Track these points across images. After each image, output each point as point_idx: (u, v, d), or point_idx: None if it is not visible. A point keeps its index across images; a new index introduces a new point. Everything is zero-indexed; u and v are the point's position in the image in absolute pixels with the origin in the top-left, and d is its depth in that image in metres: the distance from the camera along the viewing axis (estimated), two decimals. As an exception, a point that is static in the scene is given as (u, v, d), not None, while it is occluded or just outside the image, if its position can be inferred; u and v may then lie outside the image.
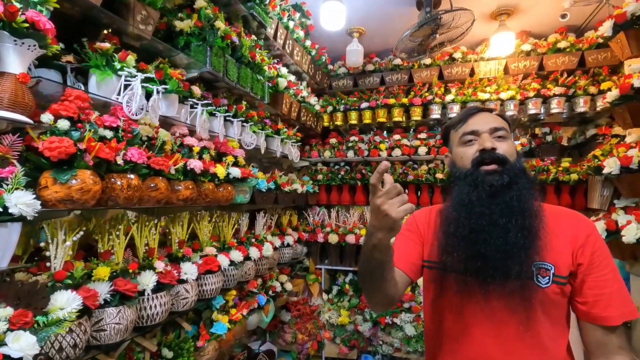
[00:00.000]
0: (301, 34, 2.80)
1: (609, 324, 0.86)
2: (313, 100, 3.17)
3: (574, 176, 2.68)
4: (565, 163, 2.79)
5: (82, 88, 1.27)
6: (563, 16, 2.75)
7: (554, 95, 2.81)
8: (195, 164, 1.56)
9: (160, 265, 1.45)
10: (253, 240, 2.25)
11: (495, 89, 2.98)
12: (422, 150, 3.11)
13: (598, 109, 2.72)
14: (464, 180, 0.97)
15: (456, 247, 0.94)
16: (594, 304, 0.87)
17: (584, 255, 0.89)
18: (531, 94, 2.86)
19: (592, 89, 2.73)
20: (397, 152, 3.18)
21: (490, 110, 1.06)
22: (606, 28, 2.10)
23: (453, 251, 0.95)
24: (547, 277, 0.89)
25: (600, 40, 2.73)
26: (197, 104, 1.71)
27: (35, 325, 0.95)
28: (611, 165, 1.96)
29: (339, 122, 3.47)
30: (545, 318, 0.90)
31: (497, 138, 0.97)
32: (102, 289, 1.19)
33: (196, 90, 1.71)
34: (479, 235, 0.90)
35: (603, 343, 0.88)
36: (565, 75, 2.85)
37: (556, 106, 2.82)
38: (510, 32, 2.79)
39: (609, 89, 2.20)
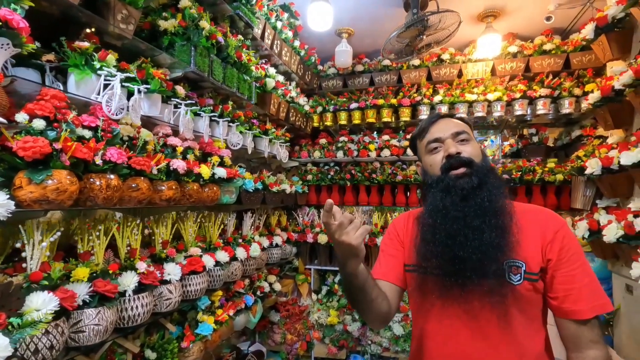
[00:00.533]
0: (290, 34, 2.80)
1: (580, 318, 0.88)
2: (302, 100, 3.17)
3: (559, 176, 2.72)
4: (551, 164, 2.82)
5: (61, 87, 1.26)
6: (548, 19, 2.79)
7: (540, 96, 2.84)
8: (179, 164, 1.55)
9: (142, 266, 1.44)
10: (240, 240, 2.25)
11: (482, 90, 3.01)
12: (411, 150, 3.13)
13: (583, 110, 2.76)
14: (436, 187, 0.99)
15: (434, 252, 0.96)
16: (564, 299, 0.89)
17: (552, 251, 0.91)
18: (517, 95, 2.89)
19: (577, 91, 2.77)
20: (386, 153, 3.20)
21: (451, 116, 1.09)
22: (588, 31, 2.13)
23: (432, 257, 0.97)
24: (519, 275, 0.90)
25: (585, 43, 2.78)
26: (180, 103, 1.70)
27: (9, 326, 0.94)
28: (593, 166, 2.00)
29: (328, 123, 3.47)
30: (520, 315, 0.91)
31: (460, 142, 1.00)
32: (81, 290, 1.18)
33: (180, 90, 1.71)
34: (456, 239, 0.92)
35: (576, 336, 0.89)
36: (550, 76, 2.89)
37: (542, 107, 2.85)
38: (497, 34, 2.82)
39: (592, 91, 2.24)
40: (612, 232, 1.80)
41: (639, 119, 1.90)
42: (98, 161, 1.16)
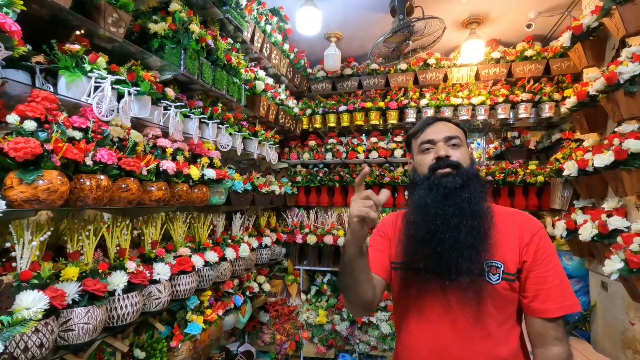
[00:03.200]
0: (279, 37, 2.84)
1: (546, 316, 0.93)
2: (292, 103, 3.22)
3: (540, 178, 2.81)
4: (532, 166, 2.92)
5: (52, 89, 1.28)
6: (529, 26, 2.89)
7: (522, 101, 2.94)
8: (168, 165, 1.57)
9: (131, 265, 1.45)
10: (229, 241, 2.27)
11: (467, 94, 3.09)
12: (398, 152, 3.20)
13: (562, 114, 2.87)
14: (421, 184, 1.04)
15: (415, 247, 1.01)
16: (533, 298, 0.95)
17: (528, 253, 0.96)
18: (500, 99, 2.99)
19: (557, 96, 2.88)
20: (374, 155, 3.26)
21: (448, 120, 1.13)
22: (565, 39, 2.23)
23: (413, 252, 1.02)
24: (497, 275, 0.95)
25: (563, 50, 2.88)
26: (170, 105, 1.72)
27: (-1, 324, 0.96)
28: (570, 168, 2.08)
29: (317, 125, 3.52)
30: (496, 312, 0.96)
31: (451, 146, 1.05)
32: (71, 289, 1.20)
33: (170, 92, 1.73)
34: (435, 235, 0.97)
35: (541, 334, 0.95)
36: (532, 82, 2.99)
37: (523, 111, 2.95)
38: (480, 40, 2.91)
39: (570, 96, 2.33)
40: (587, 231, 1.89)
41: (611, 124, 1.99)
42: (88, 162, 1.18)
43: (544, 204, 2.87)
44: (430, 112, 3.15)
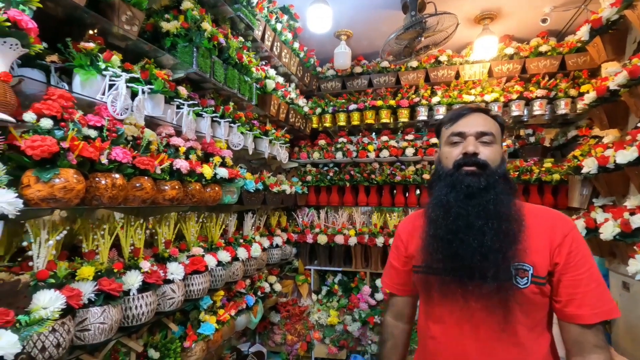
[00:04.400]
0: (289, 36, 2.82)
1: (583, 323, 0.87)
2: (302, 102, 3.20)
3: (556, 176, 2.75)
4: (548, 163, 2.86)
5: (67, 87, 1.27)
6: (544, 21, 2.83)
7: (536, 97, 2.88)
8: (182, 164, 1.56)
9: (146, 265, 1.44)
10: (241, 240, 2.26)
11: (479, 91, 3.04)
12: (410, 151, 3.16)
13: (578, 111, 2.80)
14: (444, 180, 0.99)
15: (435, 247, 0.97)
16: (567, 303, 0.89)
17: (560, 255, 0.90)
18: (514, 96, 2.93)
19: (573, 92, 2.81)
20: (385, 153, 3.22)
21: (486, 111, 1.04)
22: (583, 33, 2.17)
23: (433, 252, 0.98)
24: (526, 278, 0.89)
25: (580, 45, 2.82)
26: (183, 104, 1.71)
27: (17, 324, 0.95)
28: (589, 165, 2.03)
29: (327, 124, 3.50)
30: (525, 318, 0.91)
31: (482, 143, 0.98)
32: (86, 289, 1.19)
33: (182, 90, 1.72)
34: (456, 235, 0.93)
35: (579, 341, 0.88)
36: (546, 78, 2.93)
37: (538, 108, 2.89)
38: (493, 36, 2.86)
39: (588, 92, 2.27)
40: (608, 230, 1.83)
41: (633, 119, 1.93)
42: (104, 160, 1.17)
43: (560, 202, 2.80)
44: (442, 110, 3.11)
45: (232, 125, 2.16)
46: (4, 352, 0.86)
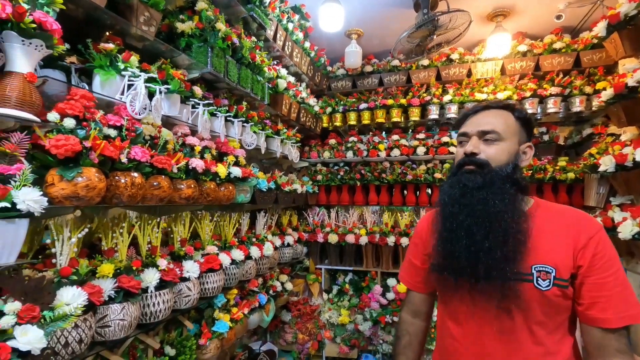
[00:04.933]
0: (300, 35, 2.83)
1: (606, 326, 0.85)
2: (312, 101, 3.20)
3: (571, 175, 2.71)
4: (562, 162, 2.82)
5: (87, 88, 1.29)
6: (558, 17, 2.79)
7: (550, 95, 2.84)
8: (197, 163, 1.58)
9: (163, 263, 1.46)
10: (254, 239, 2.27)
11: (492, 89, 3.01)
12: (421, 150, 3.14)
13: (594, 108, 2.76)
14: (449, 179, 1.02)
15: (436, 245, 1.00)
16: (590, 306, 0.87)
17: (584, 257, 0.88)
18: (528, 94, 2.89)
19: (588, 89, 2.77)
20: (395, 152, 3.21)
21: (504, 106, 1.02)
22: (600, 28, 2.13)
23: (434, 249, 1.01)
24: (548, 280, 0.88)
25: (595, 41, 2.78)
26: (198, 104, 1.73)
27: (42, 320, 0.97)
28: (607, 163, 1.99)
29: (338, 123, 3.50)
30: (547, 320, 0.90)
31: (485, 141, 0.97)
32: (107, 286, 1.21)
33: (197, 90, 1.74)
34: (451, 234, 0.95)
35: (601, 345, 0.87)
36: (561, 75, 2.89)
37: (552, 106, 2.85)
38: (506, 33, 2.83)
39: (604, 89, 2.23)
40: (627, 229, 1.80)
41: (653, 116, 1.89)
42: (123, 159, 1.19)
43: (575, 201, 2.76)
44: (453, 109, 3.09)
45: (245, 124, 2.17)
46: (31, 347, 0.88)
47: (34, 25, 0.94)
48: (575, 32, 3.05)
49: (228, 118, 2.02)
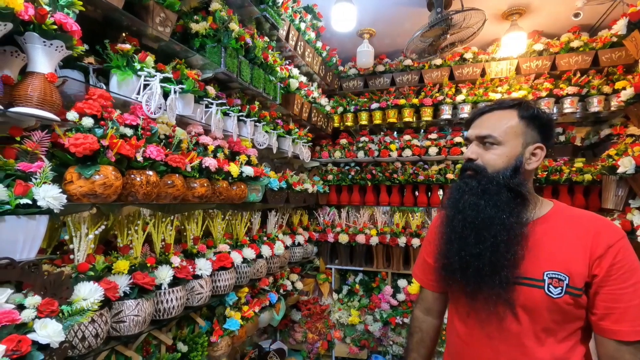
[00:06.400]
0: (312, 35, 2.83)
1: (620, 339, 0.83)
2: (324, 101, 3.20)
3: (588, 176, 2.65)
4: (579, 163, 2.76)
5: (104, 88, 1.32)
6: (576, 15, 2.73)
7: (567, 95, 2.78)
8: (210, 162, 1.59)
9: (176, 260, 1.48)
10: (265, 238, 2.28)
11: (506, 89, 2.96)
12: (433, 150, 3.11)
13: (612, 108, 2.69)
14: (454, 182, 1.05)
15: (438, 245, 1.03)
16: (603, 316, 0.85)
17: (600, 266, 0.84)
18: (543, 93, 2.84)
19: (606, 89, 2.70)
20: (407, 153, 3.18)
21: (509, 105, 0.98)
22: (620, 26, 2.08)
23: (437, 249, 1.03)
24: (560, 288, 0.86)
25: (615, 39, 2.71)
26: (212, 103, 1.75)
27: (61, 314, 0.99)
28: (626, 165, 1.94)
29: (349, 123, 3.49)
30: (557, 328, 0.88)
31: (484, 145, 0.97)
32: (122, 282, 1.23)
33: (211, 90, 1.76)
34: (449, 236, 0.98)
35: (615, 358, 0.84)
36: (578, 74, 2.82)
37: (569, 106, 2.79)
38: (522, 31, 2.78)
39: (624, 88, 2.17)
40: (647, 233, 1.75)
41: (675, 116, 1.84)
42: (139, 158, 1.21)
43: (592, 203, 2.70)
44: (466, 108, 3.05)
45: (257, 124, 2.18)
46: (50, 340, 0.90)
47: (55, 27, 0.97)
48: (593, 30, 2.98)
49: (240, 117, 2.03)
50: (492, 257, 0.89)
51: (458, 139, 3.10)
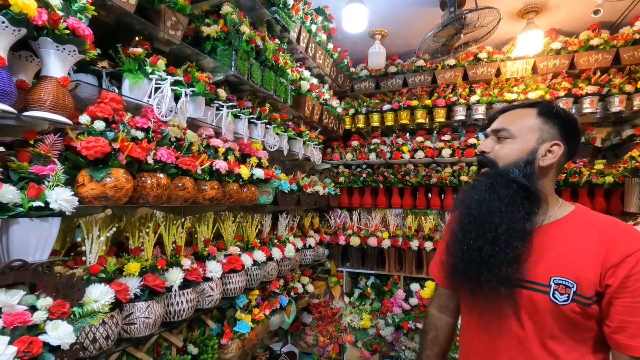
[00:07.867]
0: (323, 37, 2.82)
1: (635, 355, 0.78)
2: (335, 102, 3.19)
3: (609, 179, 2.55)
4: (599, 165, 2.66)
5: (116, 91, 1.34)
6: (596, 12, 2.64)
7: (587, 94, 2.69)
8: (221, 165, 1.60)
9: (187, 262, 1.48)
10: (275, 241, 2.28)
11: (523, 89, 2.89)
12: (446, 152, 3.05)
13: (635, 108, 2.59)
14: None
15: (447, 243, 1.03)
16: (618, 330, 0.80)
17: (614, 276, 0.79)
18: (562, 93, 2.76)
19: (629, 87, 2.60)
20: (420, 154, 3.13)
21: (527, 104, 0.98)
22: (643, 23, 2.00)
23: (447, 247, 1.03)
24: (566, 295, 0.82)
25: (637, 36, 2.61)
26: (222, 106, 1.75)
27: (72, 315, 1.00)
28: (650, 167, 1.86)
29: (360, 125, 3.46)
30: (564, 336, 0.84)
31: (499, 139, 0.97)
32: (133, 284, 1.24)
33: (222, 93, 1.76)
34: (456, 234, 0.97)
35: None
36: (598, 73, 2.73)
37: (589, 106, 2.70)
38: (538, 30, 2.71)
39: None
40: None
41: None
42: (150, 161, 1.22)
43: (613, 206, 2.60)
44: (481, 109, 2.99)
45: (268, 126, 2.18)
46: (61, 342, 0.90)
47: (68, 32, 0.98)
48: (614, 27, 2.88)
49: (251, 120, 2.03)
50: (492, 250, 0.87)
51: (472, 141, 3.03)
